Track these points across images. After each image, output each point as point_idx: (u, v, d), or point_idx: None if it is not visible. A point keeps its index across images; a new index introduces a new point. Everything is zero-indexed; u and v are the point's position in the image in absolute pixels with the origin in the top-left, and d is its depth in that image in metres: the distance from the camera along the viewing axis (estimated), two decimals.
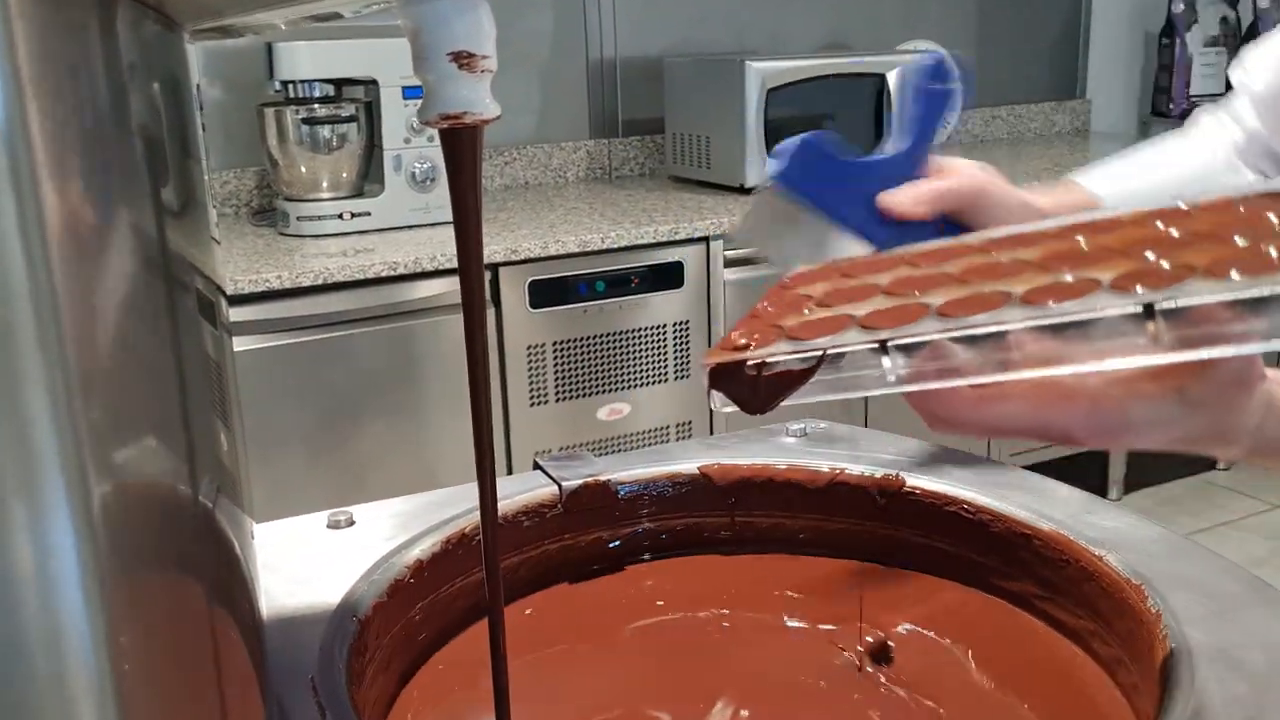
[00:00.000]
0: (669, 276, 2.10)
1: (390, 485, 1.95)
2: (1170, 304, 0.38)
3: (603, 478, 0.73)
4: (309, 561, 0.63)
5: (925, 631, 0.69)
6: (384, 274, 1.88)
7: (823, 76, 2.37)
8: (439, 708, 0.63)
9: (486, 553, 0.53)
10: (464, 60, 0.44)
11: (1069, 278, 0.44)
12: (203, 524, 0.42)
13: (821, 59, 2.42)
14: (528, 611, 0.71)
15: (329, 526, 0.67)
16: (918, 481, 0.70)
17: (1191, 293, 0.38)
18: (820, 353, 0.47)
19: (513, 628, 0.60)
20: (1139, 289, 0.40)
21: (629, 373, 2.13)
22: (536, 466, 0.74)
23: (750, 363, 0.49)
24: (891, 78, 2.39)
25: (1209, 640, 0.52)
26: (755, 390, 0.49)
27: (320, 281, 1.83)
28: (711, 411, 2.22)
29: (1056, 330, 0.42)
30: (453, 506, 0.69)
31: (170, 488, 0.37)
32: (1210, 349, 0.38)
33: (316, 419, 1.89)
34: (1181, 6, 3.05)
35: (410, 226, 2.12)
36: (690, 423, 2.20)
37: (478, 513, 0.68)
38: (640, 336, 2.12)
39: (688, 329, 2.15)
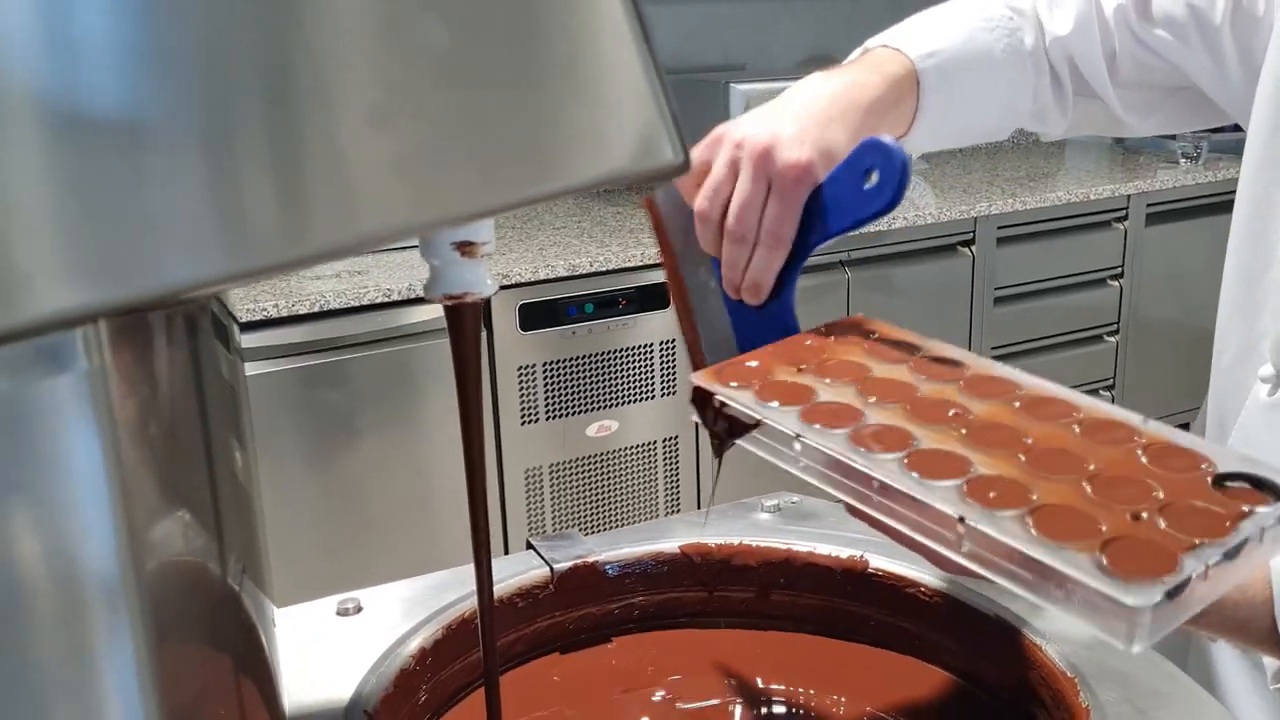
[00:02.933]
0: (655, 297, 2.16)
1: (390, 507, 2.01)
2: (977, 524, 0.45)
3: (591, 559, 0.78)
4: (321, 653, 0.68)
5: (883, 715, 0.75)
6: (380, 300, 1.93)
7: None
8: None
9: (485, 643, 0.58)
10: (465, 248, 0.49)
11: (963, 451, 0.51)
12: (235, 610, 0.47)
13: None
14: (519, 680, 0.77)
15: (338, 614, 0.73)
16: (880, 563, 0.76)
17: (1002, 527, 0.45)
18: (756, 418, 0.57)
19: (505, 695, 0.66)
20: (966, 494, 0.47)
21: (617, 391, 2.19)
22: (529, 547, 0.80)
23: (717, 398, 0.59)
24: None
25: None
26: (714, 421, 0.61)
27: (317, 309, 1.88)
28: (697, 428, 2.29)
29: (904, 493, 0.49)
30: (454, 590, 0.75)
31: (204, 565, 0.42)
32: (988, 573, 0.45)
33: (316, 440, 1.95)
34: None
35: (403, 248, 2.17)
36: (676, 438, 2.27)
37: (475, 597, 0.74)
38: (628, 356, 2.18)
39: (674, 348, 2.21)
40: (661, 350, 2.20)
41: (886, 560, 0.76)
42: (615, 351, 2.16)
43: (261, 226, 0.31)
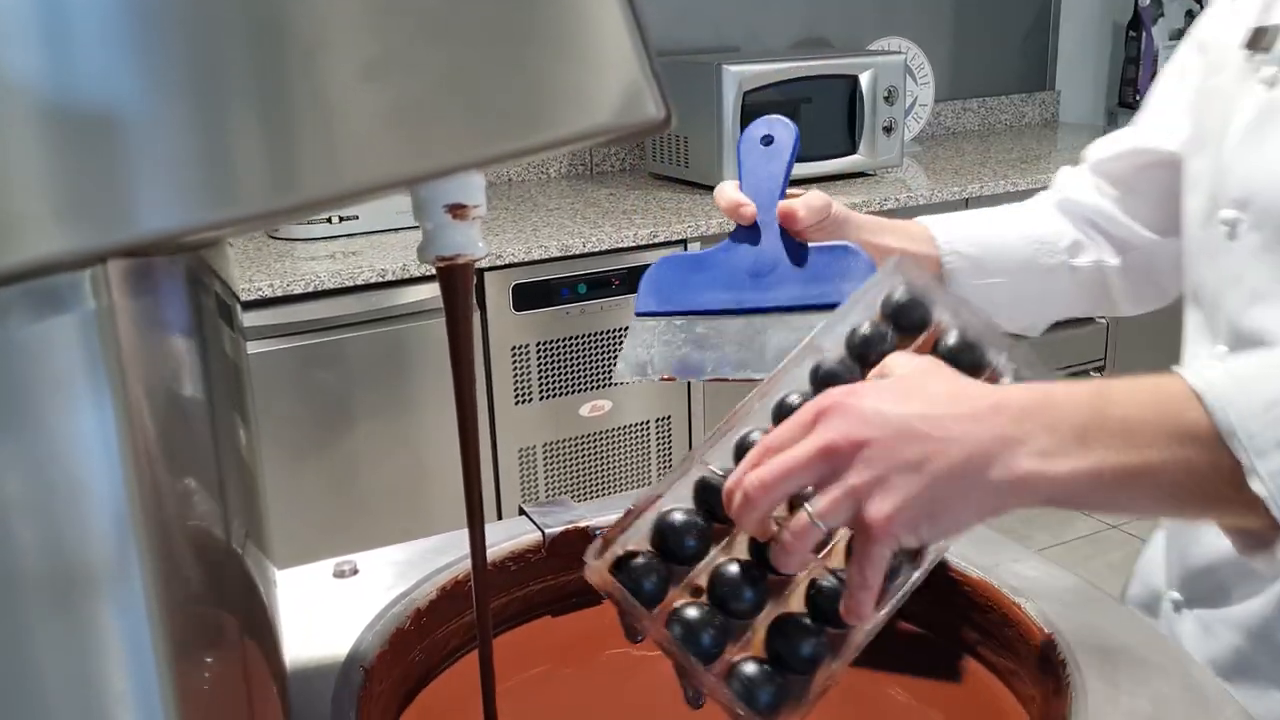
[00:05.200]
0: None
1: (382, 486, 2.02)
2: None
3: (582, 524, 0.80)
4: (319, 612, 0.70)
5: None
6: (373, 280, 1.94)
7: (798, 78, 2.44)
8: None
9: (478, 604, 0.60)
10: (457, 211, 0.51)
11: None
12: (238, 570, 0.49)
13: (796, 61, 2.48)
14: (512, 641, 0.79)
15: (335, 575, 0.75)
16: None
17: None
18: None
19: (499, 655, 0.68)
20: None
21: (610, 371, 2.20)
22: (522, 513, 0.82)
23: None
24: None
25: (1108, 690, 0.60)
26: None
27: (311, 289, 1.90)
28: (690, 409, 2.31)
29: None
30: (448, 554, 0.76)
31: (210, 532, 0.43)
32: None
33: (309, 419, 1.96)
34: (1148, 0, 3.12)
35: (397, 229, 2.18)
36: (669, 417, 2.28)
37: (469, 561, 0.76)
38: (621, 336, 2.19)
39: None
40: None
41: None
42: (608, 331, 2.18)
43: (249, 175, 0.32)
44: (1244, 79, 0.77)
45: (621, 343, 2.17)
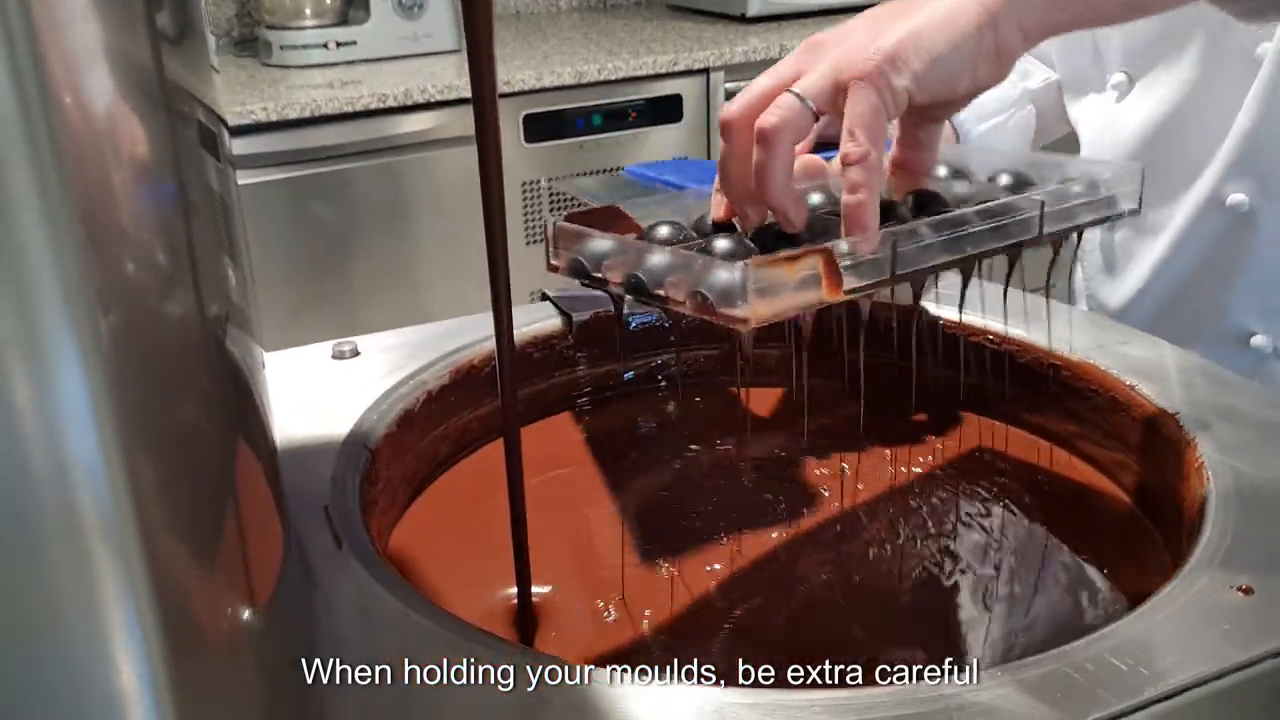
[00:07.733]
0: (667, 110, 2.04)
1: (382, 319, 1.93)
2: None
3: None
4: (315, 392, 0.61)
5: (941, 469, 0.67)
6: (373, 106, 1.81)
7: None
8: (450, 529, 0.62)
9: (501, 373, 0.51)
10: None
11: None
12: (214, 351, 0.40)
13: None
14: (532, 436, 0.69)
15: (334, 357, 0.65)
16: (939, 312, 0.68)
17: None
18: None
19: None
20: None
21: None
22: (545, 298, 0.72)
23: None
24: None
25: (1248, 470, 0.50)
26: None
27: (308, 114, 1.77)
28: None
29: None
30: (458, 338, 0.67)
31: (179, 316, 0.34)
32: None
33: (306, 254, 1.86)
34: None
35: (398, 57, 2.04)
36: None
37: (485, 344, 0.66)
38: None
39: None
40: None
41: (944, 308, 0.68)
42: (626, 166, 2.05)
43: None
44: None
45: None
